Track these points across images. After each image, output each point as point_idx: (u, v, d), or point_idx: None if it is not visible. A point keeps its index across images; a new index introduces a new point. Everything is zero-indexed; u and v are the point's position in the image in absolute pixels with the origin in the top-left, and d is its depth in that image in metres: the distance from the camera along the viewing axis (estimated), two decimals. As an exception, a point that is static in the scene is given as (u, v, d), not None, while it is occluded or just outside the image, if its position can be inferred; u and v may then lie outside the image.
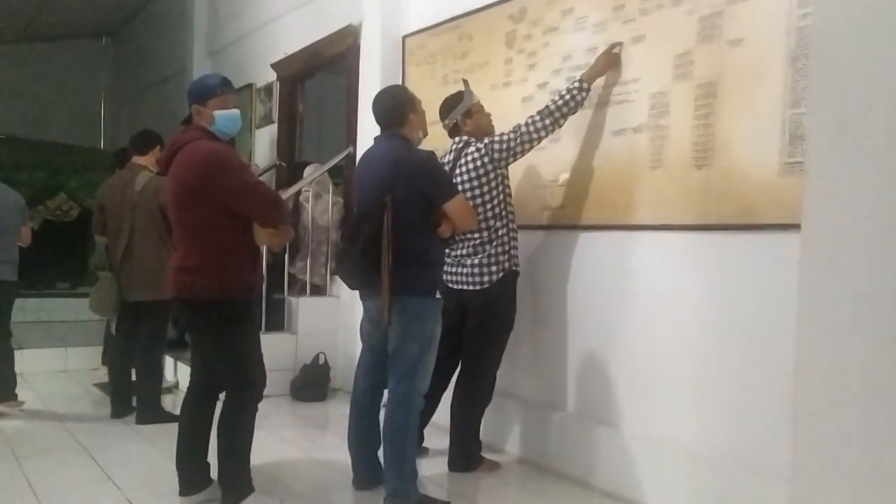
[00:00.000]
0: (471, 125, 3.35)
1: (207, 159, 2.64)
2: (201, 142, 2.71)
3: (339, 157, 5.08)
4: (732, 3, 2.72)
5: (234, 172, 2.67)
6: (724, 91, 2.74)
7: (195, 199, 2.66)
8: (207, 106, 2.76)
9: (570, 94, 3.11)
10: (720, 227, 2.73)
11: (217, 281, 2.68)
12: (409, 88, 3.10)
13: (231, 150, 2.83)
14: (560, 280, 3.42)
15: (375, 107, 2.95)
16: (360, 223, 2.79)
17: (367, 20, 4.77)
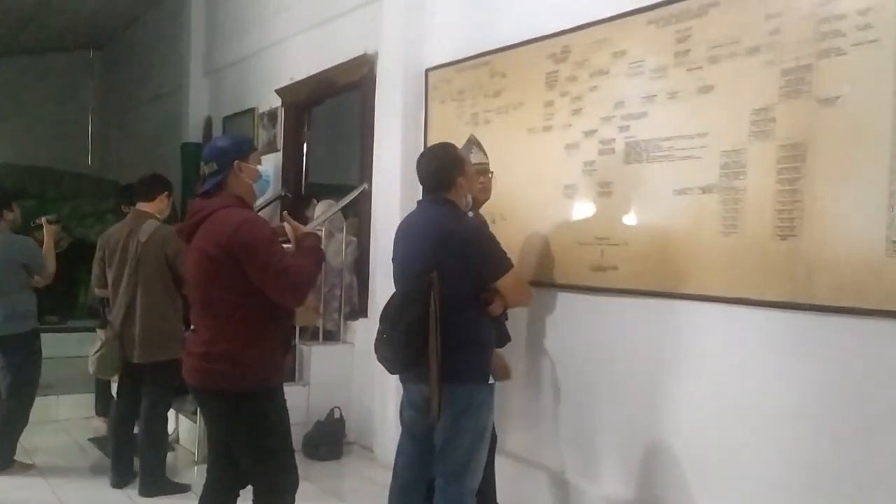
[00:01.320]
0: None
1: (243, 230, 2.31)
2: (233, 210, 2.38)
3: (352, 195, 4.74)
4: (824, 56, 2.41)
5: (273, 250, 2.34)
6: (815, 154, 2.43)
7: (226, 275, 2.32)
8: (250, 161, 2.43)
9: None
10: (811, 308, 2.42)
11: (248, 370, 2.36)
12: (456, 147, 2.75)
13: (266, 222, 2.49)
14: (610, 350, 3.09)
15: (421, 168, 2.62)
16: (404, 304, 2.45)
17: (385, 50, 4.43)
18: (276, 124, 5.90)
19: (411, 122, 4.21)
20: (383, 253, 4.15)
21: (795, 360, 2.48)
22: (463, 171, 2.64)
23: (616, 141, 3.09)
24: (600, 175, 3.15)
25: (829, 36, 2.40)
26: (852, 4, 2.34)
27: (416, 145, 4.18)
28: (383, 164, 4.36)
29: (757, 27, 2.61)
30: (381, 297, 4.21)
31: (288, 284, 2.33)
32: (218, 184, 2.43)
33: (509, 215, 3.58)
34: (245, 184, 2.48)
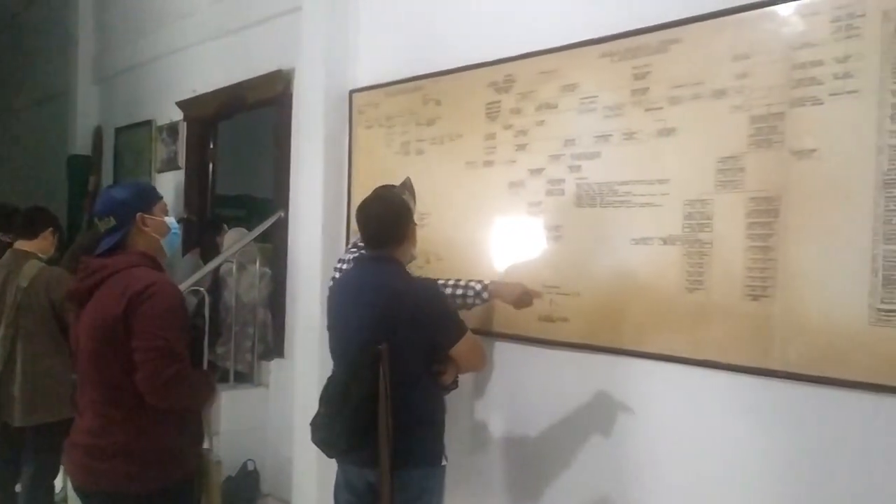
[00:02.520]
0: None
1: (149, 292, 1.95)
2: (141, 269, 2.01)
3: (267, 223, 4.34)
4: (798, 105, 2.25)
5: (170, 325, 1.99)
6: (790, 210, 2.26)
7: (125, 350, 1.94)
8: (155, 213, 2.09)
9: (466, 290, 2.67)
10: (785, 375, 2.25)
11: (149, 468, 1.97)
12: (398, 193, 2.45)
13: (178, 291, 2.12)
14: (561, 409, 2.86)
15: (369, 218, 2.29)
16: (349, 383, 2.13)
17: (304, 67, 4.07)
18: (178, 140, 5.40)
19: (334, 148, 3.86)
20: (303, 286, 3.81)
21: (765, 430, 2.32)
22: (412, 222, 2.34)
23: (566, 182, 2.86)
24: (549, 218, 2.92)
25: (804, 83, 2.24)
26: (830, 51, 2.19)
27: (339, 173, 3.86)
28: (302, 190, 3.99)
29: (723, 69, 2.43)
30: (299, 335, 3.89)
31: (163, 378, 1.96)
32: (118, 242, 2.04)
33: (446, 255, 3.30)
34: (151, 239, 2.12)
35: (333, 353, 2.37)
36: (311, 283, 3.84)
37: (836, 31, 2.18)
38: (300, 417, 3.84)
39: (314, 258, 3.83)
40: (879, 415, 2.07)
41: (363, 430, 2.14)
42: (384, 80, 3.67)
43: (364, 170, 3.77)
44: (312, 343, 3.80)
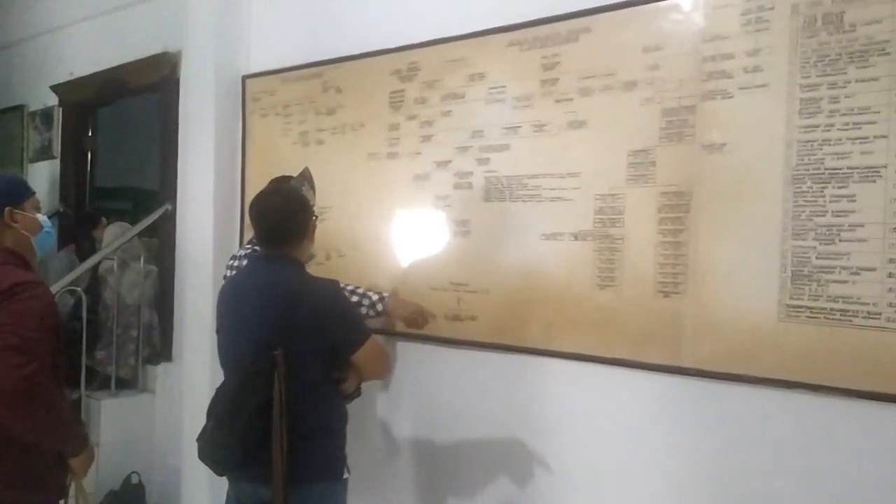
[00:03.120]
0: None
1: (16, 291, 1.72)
2: (8, 268, 1.83)
3: (152, 217, 4.02)
4: (709, 98, 2.21)
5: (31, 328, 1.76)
6: (700, 205, 2.22)
7: None
8: (25, 209, 1.94)
9: (362, 298, 2.60)
10: (697, 373, 2.21)
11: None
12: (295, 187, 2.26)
13: (50, 294, 1.88)
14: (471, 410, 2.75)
15: (264, 214, 2.09)
16: (241, 393, 1.93)
17: (192, 50, 3.78)
18: (53, 127, 4.97)
19: (226, 137, 3.61)
20: (192, 284, 3.55)
21: (677, 428, 2.28)
22: (311, 218, 2.16)
23: (474, 175, 2.75)
24: (456, 212, 2.79)
25: (714, 76, 2.21)
26: (740, 44, 2.16)
27: (232, 163, 3.61)
28: (192, 182, 3.71)
29: (634, 60, 2.37)
30: (189, 337, 3.62)
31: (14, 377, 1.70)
32: None
33: (347, 251, 3.13)
34: (21, 237, 1.88)
35: (223, 360, 2.16)
36: (201, 281, 3.58)
37: (745, 24, 2.15)
38: (190, 426, 3.58)
39: (205, 255, 3.57)
40: (788, 410, 2.06)
41: (256, 443, 1.95)
42: (280, 66, 3.45)
43: (259, 161, 3.54)
44: (203, 346, 3.54)
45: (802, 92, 2.05)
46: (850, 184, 1.97)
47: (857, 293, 1.95)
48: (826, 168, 2.01)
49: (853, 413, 1.95)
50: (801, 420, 2.04)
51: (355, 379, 2.19)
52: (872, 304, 1.93)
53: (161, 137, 4.13)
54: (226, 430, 1.94)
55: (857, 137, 1.97)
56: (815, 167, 2.02)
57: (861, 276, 1.95)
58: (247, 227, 3.57)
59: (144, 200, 7.09)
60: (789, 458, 2.06)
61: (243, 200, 3.61)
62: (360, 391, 2.26)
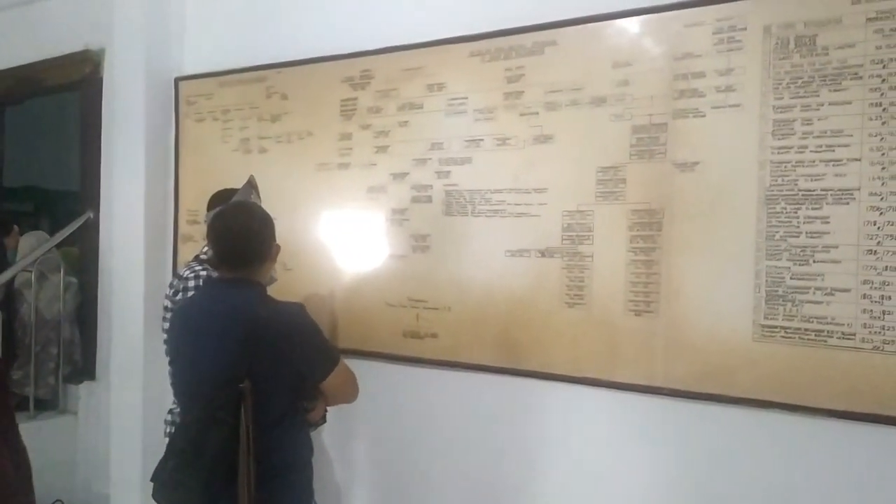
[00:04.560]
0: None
1: None
2: None
3: (73, 226, 3.70)
4: (681, 116, 2.17)
5: None
6: (672, 223, 2.18)
7: None
8: None
9: None
10: (670, 393, 2.16)
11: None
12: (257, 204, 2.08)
13: None
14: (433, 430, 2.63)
15: (225, 236, 1.89)
16: (205, 429, 1.74)
17: (117, 48, 3.48)
18: (-47, 126, 4.50)
19: (157, 142, 3.35)
20: (120, 298, 3.28)
21: (650, 448, 2.23)
22: (275, 239, 1.98)
23: (433, 188, 2.62)
24: (414, 226, 2.66)
25: (686, 94, 2.16)
26: (712, 63, 2.12)
27: (164, 170, 3.36)
28: (118, 189, 3.43)
29: (602, 75, 2.30)
30: (117, 353, 3.35)
31: None
32: None
33: (295, 265, 2.94)
34: None
35: (179, 393, 1.96)
36: (130, 294, 3.32)
37: (718, 44, 2.12)
38: (118, 447, 3.32)
39: (135, 266, 3.30)
40: (763, 430, 2.04)
41: (221, 483, 1.77)
42: (218, 68, 3.23)
43: (194, 168, 3.30)
44: (133, 362, 3.29)
45: (776, 113, 2.03)
46: (823, 205, 1.96)
47: (831, 314, 1.94)
48: (800, 189, 1.99)
49: (828, 432, 1.95)
50: (777, 439, 2.02)
51: (322, 406, 2.03)
52: (847, 325, 1.92)
53: (81, 141, 3.79)
54: (188, 471, 1.75)
55: (830, 160, 1.96)
56: (788, 188, 2.00)
57: (835, 297, 1.94)
58: (182, 237, 3.33)
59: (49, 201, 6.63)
60: (764, 477, 2.04)
61: (177, 209, 3.36)
62: (325, 418, 2.10)
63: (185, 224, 3.34)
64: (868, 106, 1.91)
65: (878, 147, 1.90)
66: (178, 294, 2.27)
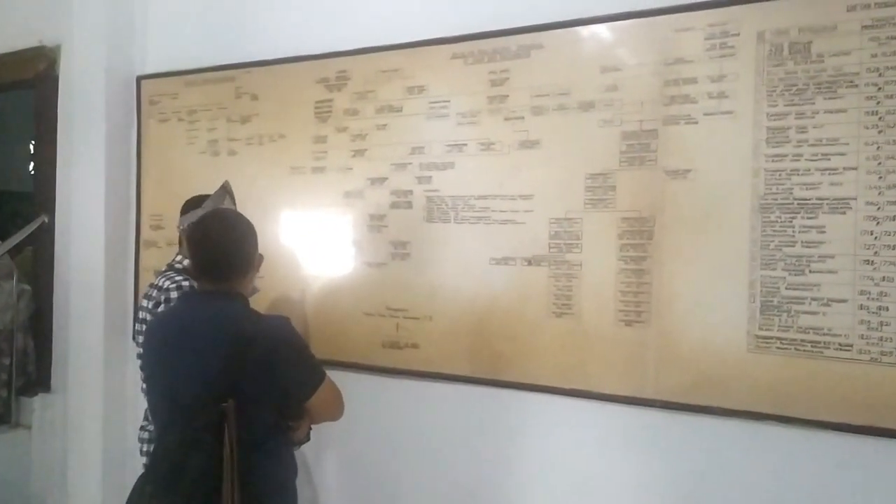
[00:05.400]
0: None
1: None
2: None
3: (27, 230, 3.46)
4: (672, 123, 2.10)
5: None
6: (664, 231, 2.10)
7: None
8: None
9: None
10: (662, 405, 2.09)
11: None
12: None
13: None
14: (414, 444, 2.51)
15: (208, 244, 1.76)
16: (185, 452, 1.59)
17: (74, 44, 3.27)
18: None
19: (118, 143, 3.16)
20: (78, 306, 3.08)
21: (641, 461, 2.15)
22: (257, 249, 1.84)
23: (414, 193, 2.51)
24: (394, 232, 2.54)
25: (677, 100, 2.09)
26: (704, 69, 2.05)
27: (125, 173, 3.17)
28: (76, 192, 3.22)
29: (590, 80, 2.21)
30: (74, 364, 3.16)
31: None
32: None
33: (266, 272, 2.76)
34: None
35: (156, 411, 1.80)
36: (90, 302, 3.13)
37: (710, 49, 2.05)
38: (77, 464, 3.13)
39: (94, 273, 3.11)
40: (758, 442, 1.98)
41: (202, 504, 1.62)
42: (183, 67, 3.06)
43: (157, 170, 3.12)
44: (92, 374, 3.11)
45: (770, 120, 1.97)
46: (819, 214, 1.91)
47: (827, 324, 1.89)
48: (795, 198, 1.94)
49: (824, 445, 1.90)
50: (772, 452, 1.96)
51: (306, 424, 1.89)
52: (843, 336, 1.87)
53: (35, 141, 3.56)
54: (168, 497, 1.60)
55: (826, 168, 1.90)
56: (783, 197, 1.95)
57: (832, 308, 1.89)
58: (144, 243, 3.14)
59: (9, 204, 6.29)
60: (759, 490, 1.98)
61: (139, 213, 3.18)
62: (309, 437, 1.97)
63: (148, 229, 3.15)
64: (864, 114, 1.86)
65: (874, 156, 1.85)
66: (161, 306, 2.11)
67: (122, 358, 3.16)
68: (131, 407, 3.17)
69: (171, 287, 2.15)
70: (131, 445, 3.16)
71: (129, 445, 3.17)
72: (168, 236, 3.08)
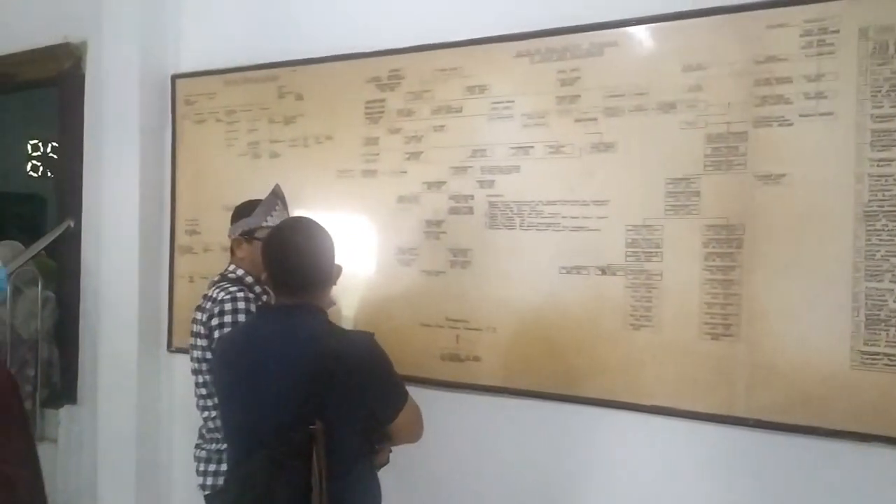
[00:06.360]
0: (245, 253, 2.11)
1: None
2: None
3: (53, 235, 3.27)
4: (763, 125, 1.94)
5: None
6: (756, 240, 1.94)
7: None
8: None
9: None
10: (754, 424, 1.93)
11: None
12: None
13: None
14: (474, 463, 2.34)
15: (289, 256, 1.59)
16: (270, 476, 1.42)
17: (104, 41, 3.07)
18: None
19: (152, 146, 2.97)
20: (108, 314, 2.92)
21: (730, 484, 2.00)
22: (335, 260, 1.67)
23: (475, 198, 2.34)
24: (453, 239, 2.38)
25: (769, 101, 1.93)
26: (800, 67, 1.90)
27: (159, 176, 3.00)
28: (106, 195, 3.03)
29: (671, 79, 2.05)
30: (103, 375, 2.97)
31: None
32: None
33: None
34: None
35: (233, 436, 1.63)
36: (122, 310, 2.95)
37: (806, 47, 1.89)
38: (108, 478, 2.95)
39: (128, 280, 2.93)
40: (863, 465, 1.82)
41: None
42: (222, 66, 2.88)
43: (194, 172, 2.94)
44: (125, 385, 2.92)
45: (874, 122, 1.82)
46: (930, 223, 1.75)
47: (941, 340, 1.73)
48: (903, 205, 1.78)
49: (938, 468, 1.74)
50: (878, 475, 1.81)
51: (388, 448, 1.73)
52: (959, 352, 1.72)
53: (60, 143, 3.36)
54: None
55: (938, 174, 1.75)
56: (890, 203, 1.80)
57: (946, 322, 1.73)
58: (179, 249, 2.96)
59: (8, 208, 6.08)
60: (864, 515, 1.82)
61: (173, 218, 2.99)
62: (388, 459, 1.80)
63: (183, 234, 2.97)
64: (980, 116, 1.71)
65: None
66: (214, 318, 1.93)
67: (155, 368, 2.98)
68: (165, 420, 2.99)
69: (226, 299, 1.97)
70: (165, 459, 2.98)
71: (162, 459, 2.99)
72: (204, 241, 2.90)
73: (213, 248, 2.88)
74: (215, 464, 2.02)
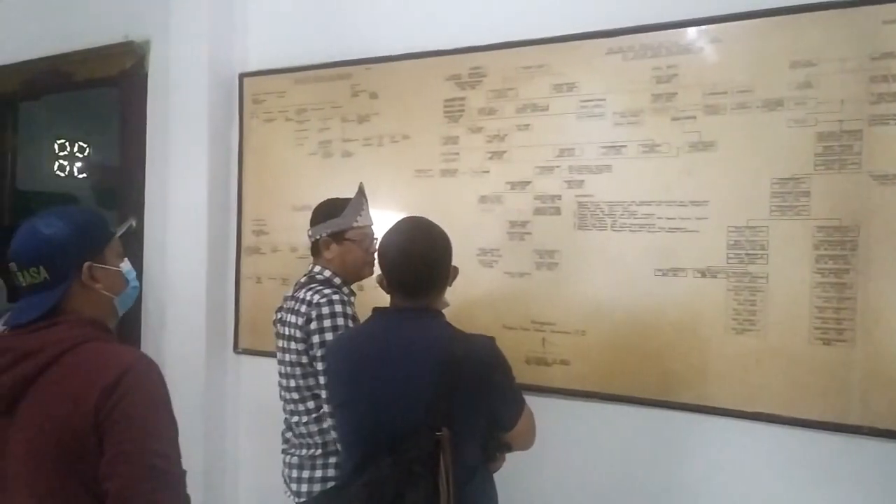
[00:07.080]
0: (334, 254, 2.01)
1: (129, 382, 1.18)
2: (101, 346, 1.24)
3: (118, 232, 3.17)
4: (880, 123, 1.84)
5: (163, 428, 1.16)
6: (872, 242, 1.85)
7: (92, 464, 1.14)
8: (106, 258, 1.36)
9: None
10: (872, 432, 1.83)
11: None
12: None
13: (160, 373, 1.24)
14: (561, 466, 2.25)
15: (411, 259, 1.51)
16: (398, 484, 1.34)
17: (168, 39, 3.01)
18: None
19: (219, 145, 2.89)
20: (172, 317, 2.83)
21: (849, 493, 1.89)
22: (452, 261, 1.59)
23: (563, 198, 2.25)
24: (539, 240, 2.29)
25: (886, 98, 1.84)
26: (920, 63, 1.79)
27: (226, 176, 2.93)
28: (172, 195, 2.95)
29: (778, 76, 1.96)
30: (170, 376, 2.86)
31: None
32: (54, 306, 1.24)
33: (388, 282, 2.51)
34: (101, 299, 1.24)
35: (351, 442, 1.55)
36: (190, 312, 2.88)
37: (927, 42, 1.79)
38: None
39: (196, 282, 2.87)
40: None
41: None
42: (291, 64, 2.79)
43: (262, 172, 2.87)
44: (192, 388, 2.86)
45: None
46: None
47: None
48: None
49: None
50: None
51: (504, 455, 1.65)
52: None
53: (121, 142, 3.29)
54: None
55: None
56: None
57: None
58: (246, 249, 2.88)
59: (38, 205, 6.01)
60: None
61: (240, 218, 2.91)
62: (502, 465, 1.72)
63: (251, 234, 2.89)
64: None
65: None
66: (312, 322, 1.85)
67: (222, 371, 2.90)
68: (231, 421, 2.92)
69: (322, 302, 1.89)
70: (231, 463, 2.91)
71: (227, 463, 2.92)
72: (272, 242, 2.83)
73: (282, 248, 2.81)
74: (309, 470, 1.94)
